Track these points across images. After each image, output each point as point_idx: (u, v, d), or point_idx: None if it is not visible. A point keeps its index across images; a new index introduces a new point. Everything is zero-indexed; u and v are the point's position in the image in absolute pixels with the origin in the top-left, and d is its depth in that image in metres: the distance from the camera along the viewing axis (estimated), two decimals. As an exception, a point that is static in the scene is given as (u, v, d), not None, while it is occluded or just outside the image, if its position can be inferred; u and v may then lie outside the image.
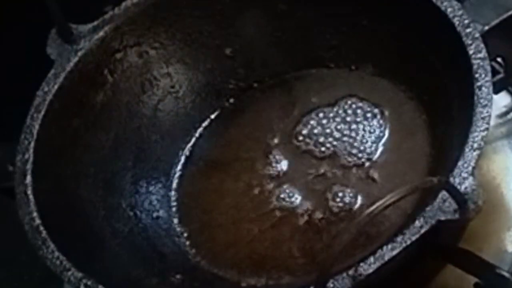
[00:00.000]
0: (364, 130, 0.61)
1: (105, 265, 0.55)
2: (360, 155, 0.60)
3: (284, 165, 0.62)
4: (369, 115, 0.62)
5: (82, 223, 0.57)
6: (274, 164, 0.63)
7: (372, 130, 0.61)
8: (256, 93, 0.68)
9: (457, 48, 0.52)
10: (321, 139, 0.62)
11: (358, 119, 0.62)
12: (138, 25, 0.64)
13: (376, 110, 0.62)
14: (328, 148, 0.62)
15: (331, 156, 0.61)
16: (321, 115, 0.64)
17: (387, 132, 0.61)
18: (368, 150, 0.60)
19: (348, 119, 0.62)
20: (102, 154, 0.62)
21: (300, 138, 0.63)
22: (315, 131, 0.63)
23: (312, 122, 0.63)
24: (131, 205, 0.62)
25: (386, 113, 0.62)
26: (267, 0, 0.65)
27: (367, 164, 0.60)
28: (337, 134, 0.62)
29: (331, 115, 0.63)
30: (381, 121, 0.61)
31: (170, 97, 0.66)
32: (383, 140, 0.61)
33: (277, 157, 0.63)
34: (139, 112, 0.65)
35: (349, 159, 0.60)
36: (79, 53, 0.61)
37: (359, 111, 0.63)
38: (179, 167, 0.65)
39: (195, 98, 0.67)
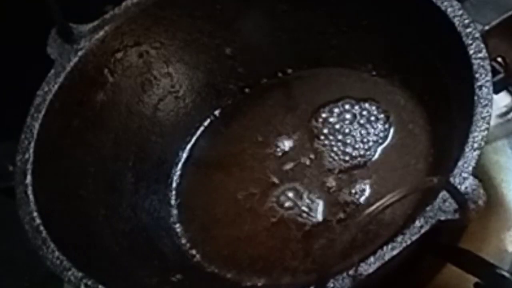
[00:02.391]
0: (363, 130, 0.61)
1: (105, 265, 0.55)
2: (360, 154, 0.60)
3: (284, 164, 0.62)
4: (369, 115, 0.62)
5: (82, 223, 0.57)
6: (274, 163, 0.63)
7: (371, 130, 0.61)
8: (256, 93, 0.68)
9: (457, 48, 0.52)
10: (322, 139, 0.62)
11: (358, 120, 0.62)
12: (138, 25, 0.64)
13: (376, 111, 0.62)
14: (328, 148, 0.62)
15: (331, 156, 0.61)
16: (321, 114, 0.64)
17: (387, 132, 0.61)
18: (368, 150, 0.60)
19: (348, 119, 0.62)
20: (102, 154, 0.62)
21: (300, 137, 0.63)
22: (315, 131, 0.63)
23: (312, 122, 0.63)
24: (131, 205, 0.62)
25: (386, 113, 0.62)
26: (267, 0, 0.65)
27: (367, 164, 0.60)
28: (337, 134, 0.62)
29: (331, 114, 0.63)
30: (380, 122, 0.61)
31: (170, 97, 0.66)
32: (383, 140, 0.61)
33: (278, 156, 0.63)
34: (139, 111, 0.65)
35: (350, 158, 0.61)
36: (79, 53, 0.61)
37: (359, 111, 0.63)
38: (179, 167, 0.66)
39: (195, 98, 0.67)
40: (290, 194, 0.60)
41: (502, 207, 0.57)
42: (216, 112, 0.68)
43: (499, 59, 0.56)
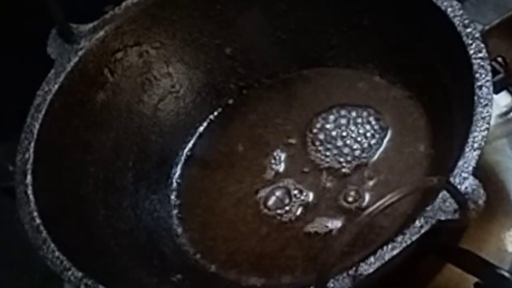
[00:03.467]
0: (364, 130, 0.61)
1: (105, 265, 0.55)
2: (360, 155, 0.60)
3: (284, 165, 0.62)
4: (369, 115, 0.62)
5: (82, 223, 0.57)
6: (274, 164, 0.63)
7: (372, 131, 0.61)
8: (256, 93, 0.68)
9: (457, 48, 0.52)
10: (321, 139, 0.62)
11: (358, 119, 0.62)
12: (138, 25, 0.64)
13: (376, 111, 0.62)
14: (328, 148, 0.62)
15: (331, 156, 0.61)
16: (321, 114, 0.64)
17: (387, 132, 0.61)
18: (368, 151, 0.60)
19: (348, 119, 0.62)
20: (102, 153, 0.62)
21: (300, 138, 0.63)
22: (315, 130, 0.63)
23: (312, 121, 0.63)
24: (131, 205, 0.62)
25: (386, 113, 0.62)
26: (267, 0, 0.65)
27: (367, 164, 0.60)
28: (337, 134, 0.62)
29: (331, 114, 0.63)
30: (381, 121, 0.61)
31: (171, 97, 0.66)
32: (383, 140, 0.61)
33: (277, 157, 0.63)
34: (139, 111, 0.65)
35: (349, 159, 0.60)
36: (80, 53, 0.61)
37: (359, 111, 0.63)
38: (179, 167, 0.66)
39: (196, 98, 0.67)
40: (290, 194, 0.60)
41: (502, 207, 0.57)
42: (216, 112, 0.68)
43: (499, 59, 0.56)
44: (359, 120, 0.62)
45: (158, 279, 0.57)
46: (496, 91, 0.54)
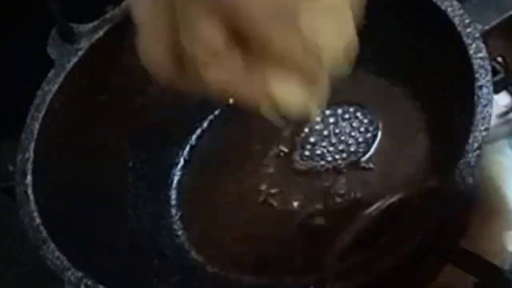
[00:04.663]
0: (363, 130, 0.61)
1: (105, 265, 0.55)
2: (359, 155, 0.60)
3: (284, 163, 0.62)
4: (369, 115, 0.62)
5: (82, 223, 0.57)
6: (274, 163, 0.63)
7: (372, 130, 0.61)
8: (256, 93, 0.68)
9: (457, 48, 0.52)
10: (321, 139, 0.62)
11: (358, 119, 0.62)
12: (138, 25, 0.63)
13: (376, 110, 0.62)
14: (328, 148, 0.62)
15: (331, 156, 0.61)
16: (321, 114, 0.64)
17: (386, 132, 0.61)
18: (368, 151, 0.60)
19: (348, 119, 0.62)
20: (102, 154, 0.62)
21: (300, 137, 0.63)
22: (315, 130, 0.63)
23: (312, 122, 0.63)
24: (131, 205, 0.62)
25: (386, 113, 0.62)
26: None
27: (367, 164, 0.60)
28: (337, 134, 0.62)
29: (331, 114, 0.63)
30: (381, 121, 0.61)
31: (171, 97, 0.66)
32: (383, 140, 0.61)
33: (278, 156, 0.63)
34: (139, 111, 0.65)
35: (349, 159, 0.61)
36: (80, 53, 0.61)
37: (359, 111, 0.63)
38: (179, 167, 0.66)
39: (196, 98, 0.67)
40: (291, 194, 0.60)
41: (502, 207, 0.57)
42: (216, 112, 0.68)
43: (499, 59, 0.56)
44: (359, 119, 0.62)
45: (158, 279, 0.57)
46: (496, 91, 0.54)
